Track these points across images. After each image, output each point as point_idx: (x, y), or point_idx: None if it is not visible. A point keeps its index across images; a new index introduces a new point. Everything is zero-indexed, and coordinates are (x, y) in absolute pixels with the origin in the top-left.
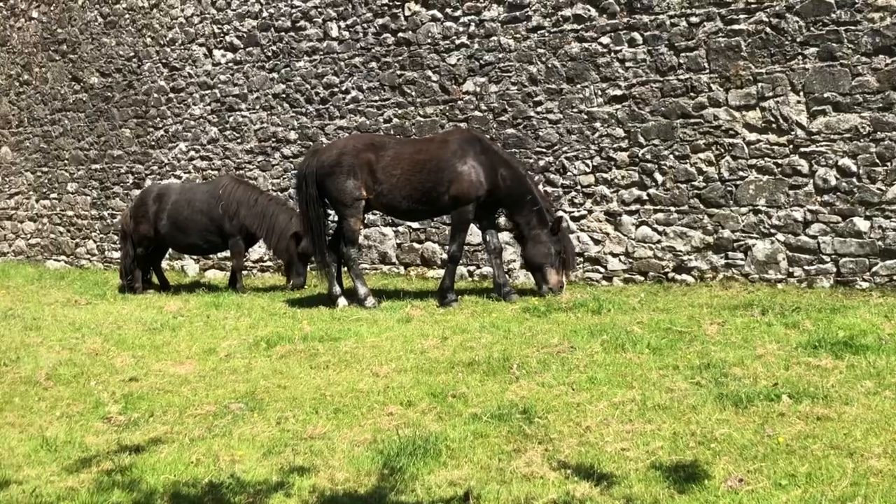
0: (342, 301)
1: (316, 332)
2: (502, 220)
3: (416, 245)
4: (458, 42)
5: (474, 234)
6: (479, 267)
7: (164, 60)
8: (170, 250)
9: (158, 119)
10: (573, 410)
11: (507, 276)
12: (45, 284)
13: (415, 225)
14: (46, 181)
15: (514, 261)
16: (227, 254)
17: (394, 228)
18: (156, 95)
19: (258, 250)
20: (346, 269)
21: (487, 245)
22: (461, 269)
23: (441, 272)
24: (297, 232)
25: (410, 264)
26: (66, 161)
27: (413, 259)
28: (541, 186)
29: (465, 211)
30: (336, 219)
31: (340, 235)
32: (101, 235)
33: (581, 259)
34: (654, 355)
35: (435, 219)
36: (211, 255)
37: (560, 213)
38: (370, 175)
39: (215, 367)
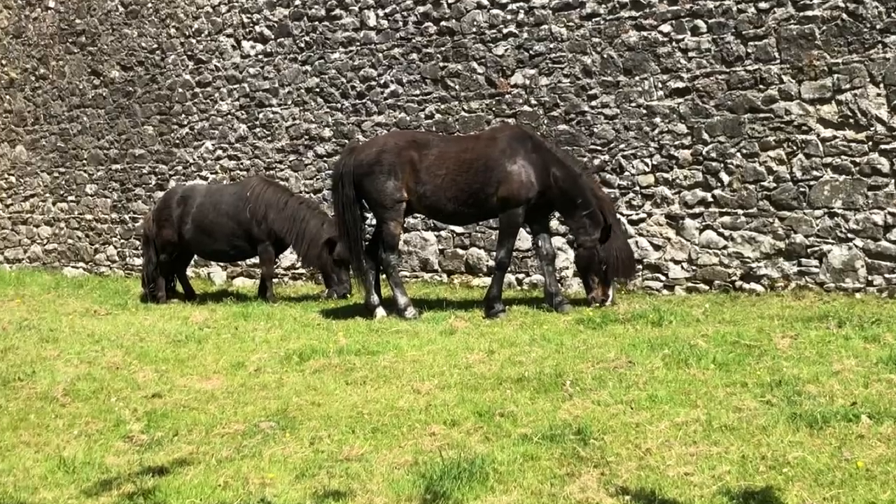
0: (380, 311)
1: (352, 345)
2: (557, 223)
3: (459, 251)
4: (505, 31)
5: (523, 238)
6: (528, 275)
7: (189, 52)
8: (195, 257)
9: (183, 115)
10: (632, 431)
11: (559, 284)
12: (62, 293)
13: (458, 229)
14: (64, 182)
15: (567, 268)
16: (256, 260)
17: (436, 233)
18: (180, 90)
19: (290, 257)
20: (384, 276)
21: (538, 251)
22: (509, 277)
23: (487, 280)
24: (332, 238)
25: (454, 272)
26: (84, 161)
27: (457, 266)
28: (599, 188)
29: (515, 214)
30: (374, 222)
31: (379, 240)
32: (122, 241)
33: (640, 266)
34: (720, 371)
35: (480, 223)
36: (239, 262)
37: (614, 219)
38: (412, 175)
39: (244, 382)
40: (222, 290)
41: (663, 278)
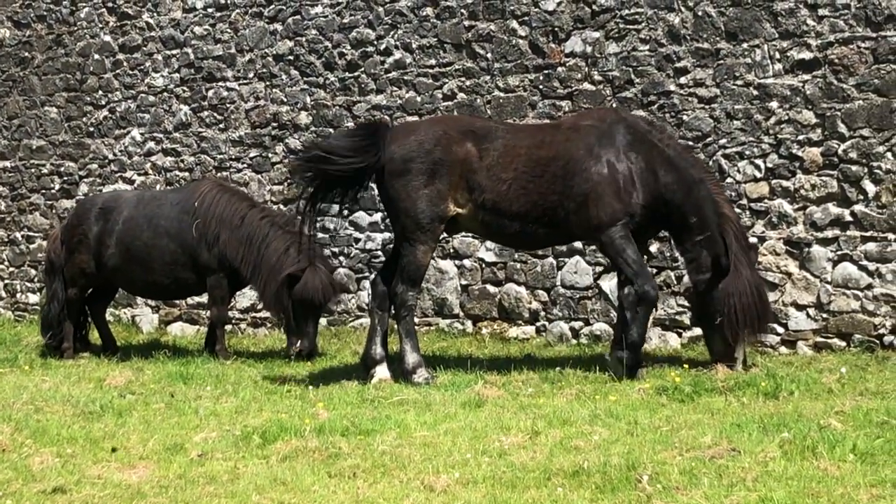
0: (381, 371)
1: (337, 422)
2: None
3: (490, 288)
4: None
5: (580, 272)
6: (588, 323)
7: (110, 4)
8: (118, 292)
9: (101, 93)
10: None
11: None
12: None
13: (489, 257)
14: None
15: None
16: (202, 299)
17: (456, 262)
18: (97, 57)
19: (249, 293)
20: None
21: (620, 293)
22: (561, 327)
23: (529, 330)
24: (294, 272)
25: (482, 317)
26: None
27: (486, 309)
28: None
29: (617, 235)
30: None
31: (398, 269)
32: (12, 269)
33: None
34: (862, 464)
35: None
36: (177, 301)
37: (742, 246)
38: (466, 179)
39: (183, 472)
40: (153, 340)
41: (781, 330)
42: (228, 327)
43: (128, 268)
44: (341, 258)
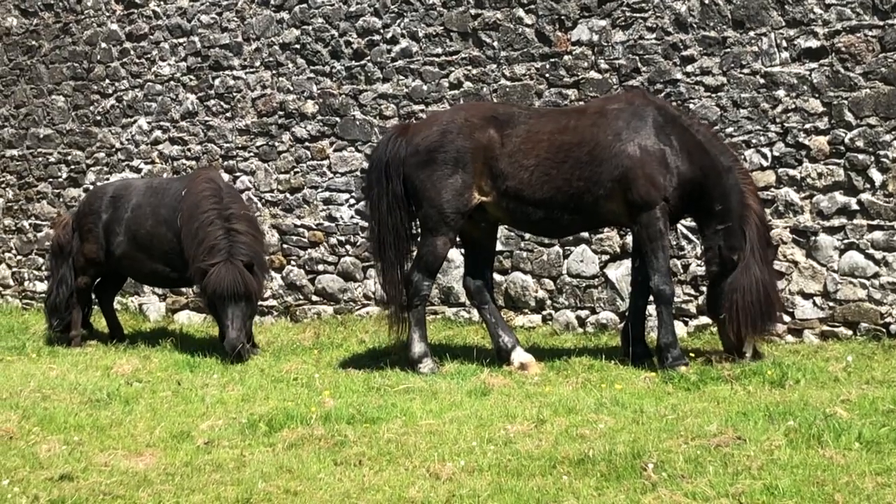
0: (518, 355)
1: (343, 410)
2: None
3: (496, 276)
4: None
5: (587, 260)
6: (594, 311)
7: None
8: (126, 281)
9: (108, 81)
10: None
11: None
12: None
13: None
14: None
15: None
16: None
17: (461, 251)
18: (104, 45)
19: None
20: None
21: (634, 278)
22: (567, 315)
23: (535, 319)
24: (203, 266)
25: None
26: None
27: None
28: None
29: (653, 219)
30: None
31: (416, 257)
32: (20, 258)
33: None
34: (868, 453)
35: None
36: (183, 289)
37: (759, 241)
38: (489, 167)
39: (189, 460)
40: (160, 328)
41: (787, 319)
42: None
43: (134, 255)
44: (347, 247)
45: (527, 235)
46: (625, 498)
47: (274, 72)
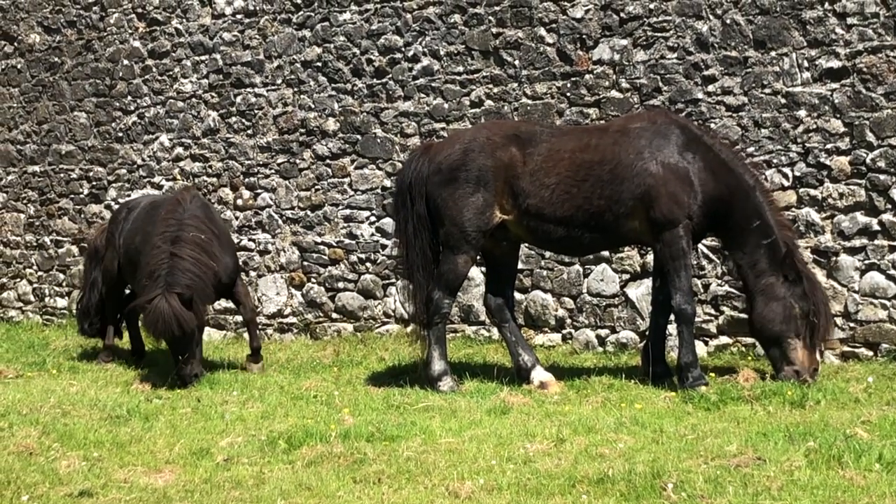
0: (538, 374)
1: (362, 427)
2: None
3: (516, 295)
4: None
5: (606, 280)
6: (614, 331)
7: (139, 9)
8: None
9: (130, 98)
10: None
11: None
12: None
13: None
14: None
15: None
16: (230, 304)
17: (482, 269)
18: (126, 62)
19: (275, 300)
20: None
21: (655, 297)
22: (587, 335)
23: (555, 338)
24: (140, 303)
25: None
26: None
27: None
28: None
29: (676, 237)
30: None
31: (437, 275)
32: (41, 273)
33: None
34: (888, 474)
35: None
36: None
37: (791, 250)
38: (511, 185)
39: (209, 476)
40: None
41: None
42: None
43: (127, 269)
44: (368, 264)
45: (547, 254)
46: None
47: (295, 89)
